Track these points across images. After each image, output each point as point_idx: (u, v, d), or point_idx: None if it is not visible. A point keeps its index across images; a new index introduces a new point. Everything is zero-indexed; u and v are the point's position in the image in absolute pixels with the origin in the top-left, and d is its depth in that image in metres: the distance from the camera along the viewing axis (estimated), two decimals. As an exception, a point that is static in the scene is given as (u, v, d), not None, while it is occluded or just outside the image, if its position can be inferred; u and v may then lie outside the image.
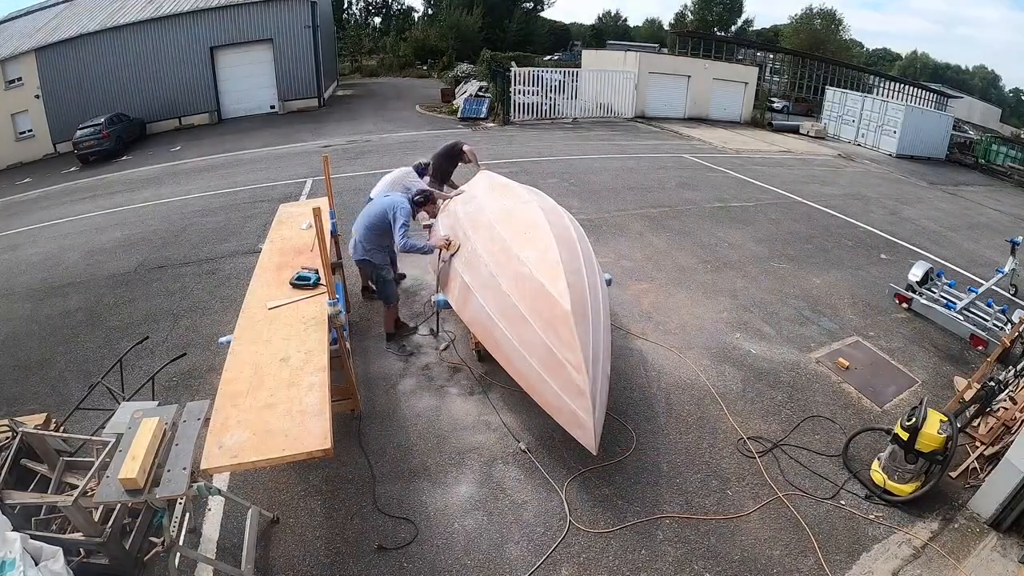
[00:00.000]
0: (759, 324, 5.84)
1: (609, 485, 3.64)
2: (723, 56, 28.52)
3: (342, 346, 3.69)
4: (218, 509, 3.42)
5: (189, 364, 4.84)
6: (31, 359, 5.31)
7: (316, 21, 22.01)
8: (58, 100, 19.86)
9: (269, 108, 22.16)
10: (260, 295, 3.89)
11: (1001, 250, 7.74)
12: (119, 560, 2.81)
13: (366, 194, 5.97)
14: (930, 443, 3.47)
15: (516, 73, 19.08)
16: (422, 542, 3.23)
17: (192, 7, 20.47)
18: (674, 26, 50.09)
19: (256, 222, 8.62)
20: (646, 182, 11.52)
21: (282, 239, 4.85)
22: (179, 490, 2.38)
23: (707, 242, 8.11)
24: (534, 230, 4.14)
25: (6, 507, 2.77)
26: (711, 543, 3.30)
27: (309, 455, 2.55)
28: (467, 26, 37.39)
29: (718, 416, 4.38)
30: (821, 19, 39.54)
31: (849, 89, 24.31)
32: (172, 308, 6.10)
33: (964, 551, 3.34)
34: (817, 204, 10.75)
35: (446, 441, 4.00)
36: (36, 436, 3.13)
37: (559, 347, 3.37)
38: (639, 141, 17.23)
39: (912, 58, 60.64)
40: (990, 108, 38.90)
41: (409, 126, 18.25)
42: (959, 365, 5.39)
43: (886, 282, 6.81)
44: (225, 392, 2.89)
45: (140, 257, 7.70)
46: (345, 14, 46.29)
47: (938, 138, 20.73)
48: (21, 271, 7.75)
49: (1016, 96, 59.53)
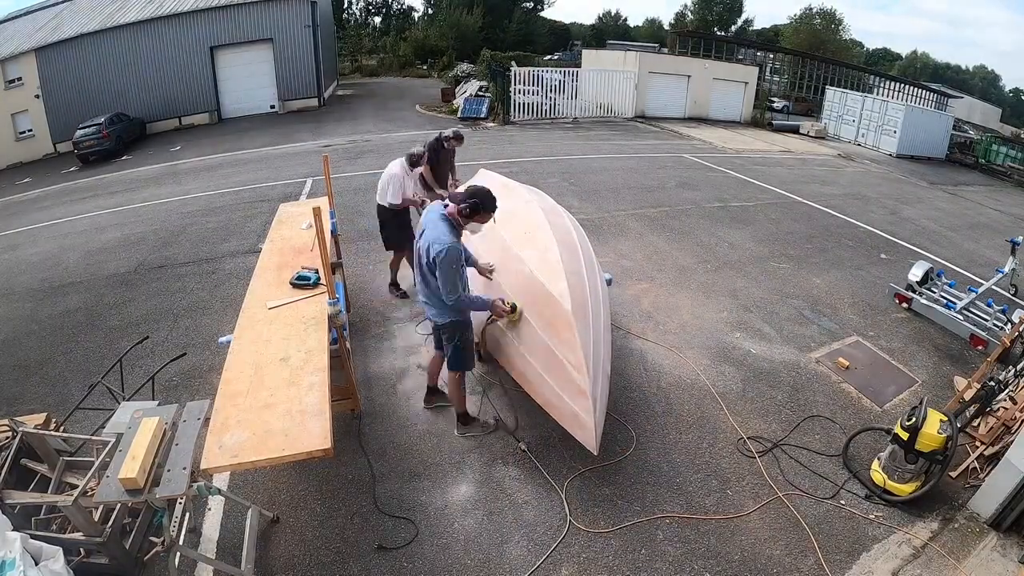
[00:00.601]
0: (759, 324, 5.84)
1: (609, 485, 3.64)
2: (723, 56, 28.53)
3: (342, 346, 3.68)
4: (218, 509, 3.42)
5: (189, 364, 4.84)
6: (31, 359, 5.31)
7: (316, 21, 22.01)
8: (58, 100, 19.86)
9: (269, 108, 22.17)
10: (260, 295, 3.89)
11: (1001, 250, 7.74)
12: (119, 560, 2.81)
13: (367, 194, 5.95)
14: (930, 443, 3.46)
15: (516, 73, 19.08)
16: (422, 542, 3.23)
17: (192, 7, 20.47)
18: (674, 26, 50.12)
19: (256, 222, 8.62)
20: (646, 182, 11.52)
21: (282, 239, 4.85)
22: (179, 490, 2.38)
23: (707, 242, 8.11)
24: (534, 230, 4.14)
25: (6, 507, 2.77)
26: (711, 543, 3.30)
27: (309, 455, 2.55)
28: (467, 26, 37.44)
29: (718, 416, 4.38)
30: (821, 19, 39.57)
31: (849, 89, 24.32)
32: (172, 308, 6.10)
33: (964, 551, 3.34)
34: (817, 204, 10.75)
35: (446, 441, 4.00)
36: (36, 436, 3.13)
37: (560, 347, 3.37)
38: (639, 141, 17.23)
39: (912, 58, 60.67)
40: (990, 108, 38.94)
41: (409, 126, 18.25)
42: (959, 365, 5.39)
43: (886, 282, 6.81)
44: (225, 392, 2.89)
45: (140, 257, 7.70)
46: (345, 14, 46.31)
47: (938, 138, 20.73)
48: (21, 271, 7.75)
49: (1016, 96, 59.53)
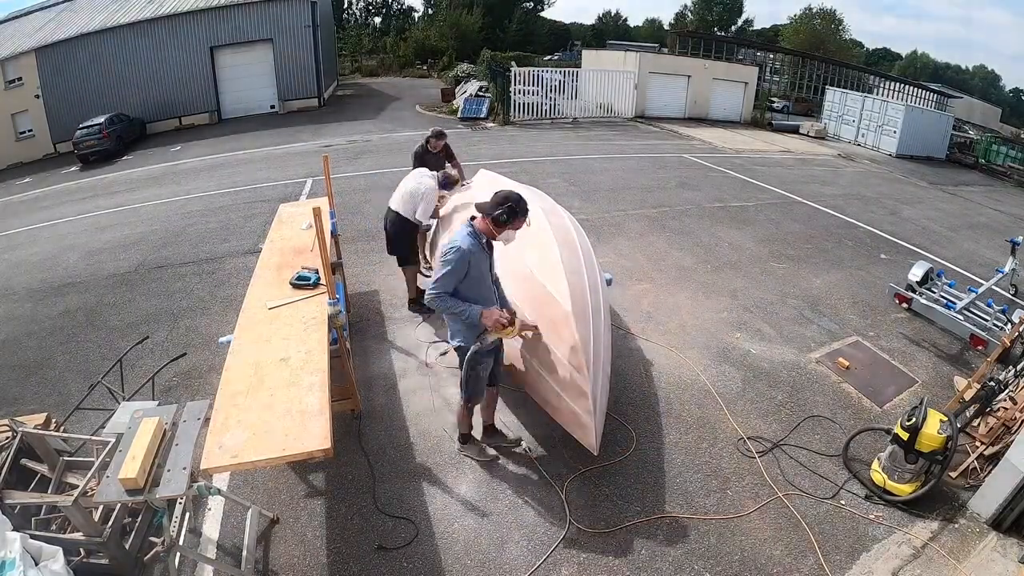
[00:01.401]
0: (759, 324, 5.84)
1: (609, 485, 3.64)
2: (723, 56, 28.55)
3: (342, 346, 3.68)
4: (218, 509, 3.42)
5: (189, 364, 4.84)
6: (31, 359, 5.31)
7: (316, 21, 22.02)
8: (58, 100, 19.87)
9: (269, 108, 22.17)
10: (260, 295, 3.89)
11: (1001, 250, 7.74)
12: (119, 560, 2.81)
13: (366, 194, 5.91)
14: (930, 443, 3.46)
15: (516, 73, 19.07)
16: (422, 542, 3.23)
17: (192, 7, 20.48)
18: (674, 26, 50.19)
19: (256, 222, 8.62)
20: (646, 182, 11.52)
21: (282, 239, 4.85)
22: (179, 490, 2.38)
23: (707, 242, 8.11)
24: (535, 230, 4.14)
25: (6, 507, 2.77)
26: (711, 543, 3.30)
27: (309, 455, 2.55)
28: (467, 26, 37.41)
29: (718, 416, 4.38)
30: (821, 19, 39.57)
31: (849, 89, 24.31)
32: (172, 308, 6.10)
33: (964, 551, 3.34)
34: (817, 204, 10.75)
35: (446, 441, 4.00)
36: (36, 436, 3.13)
37: (560, 347, 3.37)
38: (639, 141, 17.23)
39: (912, 58, 60.67)
40: (990, 108, 38.93)
41: (409, 126, 18.25)
42: (959, 365, 5.39)
43: (886, 282, 6.81)
44: (225, 392, 2.89)
45: (140, 257, 7.70)
46: (345, 14, 46.35)
47: (938, 138, 20.72)
48: (21, 271, 7.75)
49: (1016, 96, 59.53)
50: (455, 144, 6.55)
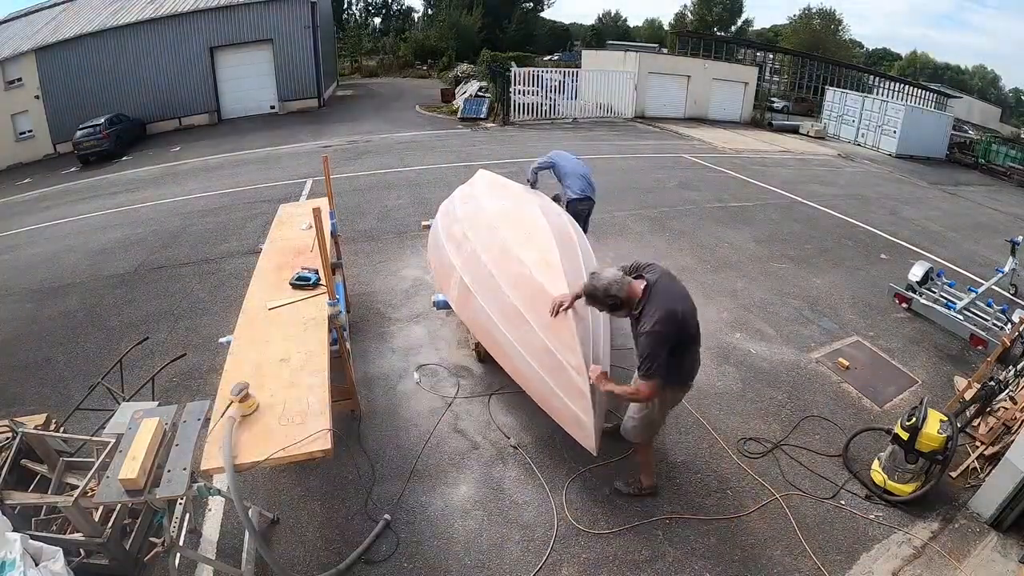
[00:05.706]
0: (759, 324, 5.84)
1: (609, 485, 3.64)
2: (723, 56, 28.57)
3: (342, 346, 3.68)
4: (218, 509, 3.42)
5: (189, 364, 4.84)
6: (31, 359, 5.31)
7: (316, 21, 22.03)
8: (58, 100, 19.87)
9: (269, 108, 22.17)
10: (260, 295, 3.88)
11: (1001, 250, 7.73)
12: (119, 560, 2.80)
13: (366, 194, 5.85)
14: (930, 443, 3.46)
15: (516, 73, 19.08)
16: (422, 542, 3.23)
17: (192, 7, 20.48)
18: (674, 26, 50.18)
19: (256, 222, 8.62)
20: (646, 182, 11.52)
21: (282, 239, 4.85)
22: (179, 490, 2.38)
23: (707, 242, 8.11)
24: (534, 231, 4.14)
25: (6, 507, 2.76)
26: (711, 543, 3.30)
27: (309, 455, 2.55)
28: (467, 26, 37.42)
29: (718, 416, 4.38)
30: (820, 19, 39.60)
31: (849, 89, 24.33)
32: (172, 308, 6.10)
33: (964, 551, 3.34)
34: (817, 204, 10.75)
35: (446, 441, 4.00)
36: (36, 436, 3.12)
37: (559, 348, 3.36)
38: (639, 141, 17.23)
39: (912, 58, 60.59)
40: (990, 108, 38.91)
41: (409, 126, 18.26)
42: (959, 365, 5.39)
43: (886, 282, 6.80)
44: (225, 392, 2.88)
45: (140, 257, 7.70)
46: (345, 14, 46.32)
47: (938, 138, 20.73)
48: (21, 271, 7.75)
49: (1016, 96, 59.49)
50: (456, 144, 6.53)
